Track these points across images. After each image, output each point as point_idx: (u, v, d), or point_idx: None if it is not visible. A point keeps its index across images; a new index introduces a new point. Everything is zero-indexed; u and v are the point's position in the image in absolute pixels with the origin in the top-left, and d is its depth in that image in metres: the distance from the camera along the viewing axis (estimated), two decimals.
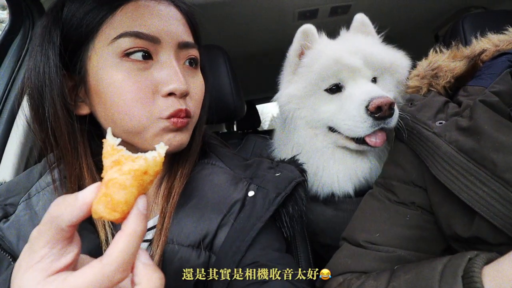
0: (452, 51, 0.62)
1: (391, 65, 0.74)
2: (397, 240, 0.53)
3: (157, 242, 0.46)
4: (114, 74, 0.44)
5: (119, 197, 0.26)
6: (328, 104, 0.72)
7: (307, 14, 1.24)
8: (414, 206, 0.55)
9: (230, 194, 0.51)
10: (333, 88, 0.72)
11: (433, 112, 0.54)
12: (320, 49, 0.73)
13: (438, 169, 0.48)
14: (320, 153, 0.74)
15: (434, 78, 0.59)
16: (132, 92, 0.44)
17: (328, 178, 0.74)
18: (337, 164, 0.74)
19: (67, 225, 0.25)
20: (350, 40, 0.76)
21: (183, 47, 0.49)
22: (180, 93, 0.46)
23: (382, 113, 0.62)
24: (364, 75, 0.71)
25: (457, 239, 0.49)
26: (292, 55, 0.77)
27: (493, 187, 0.42)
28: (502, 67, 0.52)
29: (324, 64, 0.70)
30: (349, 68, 0.70)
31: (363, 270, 0.52)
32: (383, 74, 0.75)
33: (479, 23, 0.83)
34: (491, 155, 0.42)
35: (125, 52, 0.44)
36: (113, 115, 0.46)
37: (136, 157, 0.28)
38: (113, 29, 0.44)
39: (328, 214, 0.78)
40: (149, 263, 0.27)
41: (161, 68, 0.46)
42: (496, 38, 0.60)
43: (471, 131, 0.46)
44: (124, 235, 0.26)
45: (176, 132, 0.48)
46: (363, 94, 0.66)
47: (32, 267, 0.25)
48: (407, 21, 1.39)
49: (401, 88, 0.75)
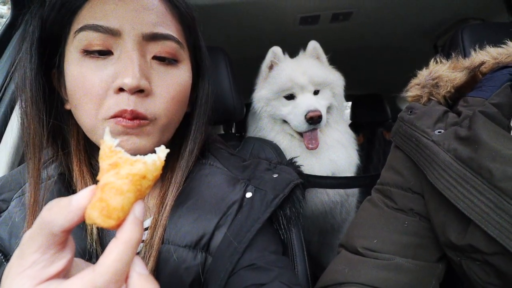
0: (452, 62, 0.63)
1: (329, 82, 1.12)
2: (395, 246, 0.53)
3: (152, 243, 0.45)
4: (74, 69, 0.43)
5: (115, 203, 0.25)
6: (285, 106, 1.10)
7: (308, 20, 1.25)
8: (412, 212, 0.55)
9: (228, 195, 0.50)
10: (288, 96, 1.09)
11: (432, 120, 0.54)
12: (282, 67, 1.10)
13: (435, 177, 0.48)
14: (274, 133, 1.13)
15: (435, 87, 0.60)
16: (84, 89, 0.42)
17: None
18: (284, 141, 1.13)
19: (60, 230, 0.24)
20: (302, 62, 1.11)
21: (151, 39, 0.45)
22: (129, 88, 0.41)
23: (313, 121, 1.03)
24: (309, 90, 1.09)
25: (452, 247, 0.50)
26: (264, 67, 1.13)
27: (488, 195, 0.42)
28: (503, 80, 0.53)
29: (283, 80, 1.07)
30: (299, 85, 1.07)
31: (361, 282, 0.52)
32: (323, 88, 1.12)
33: (477, 34, 0.84)
34: (488, 164, 0.43)
35: (84, 49, 0.43)
36: (75, 113, 0.45)
37: (135, 161, 0.27)
38: (78, 23, 0.43)
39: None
40: (144, 273, 0.25)
41: (118, 62, 0.43)
42: (494, 51, 0.60)
43: (470, 140, 0.46)
44: (119, 243, 0.24)
45: (129, 135, 0.43)
46: (304, 106, 1.04)
47: (21, 274, 0.24)
48: (406, 30, 1.41)
49: (337, 98, 1.15)
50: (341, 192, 1.17)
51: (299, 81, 1.06)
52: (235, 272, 0.45)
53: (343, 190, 1.17)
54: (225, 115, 0.98)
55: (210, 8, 1.07)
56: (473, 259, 0.47)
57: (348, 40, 1.44)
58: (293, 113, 1.07)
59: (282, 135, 1.14)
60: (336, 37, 1.41)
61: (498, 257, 0.43)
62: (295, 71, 1.07)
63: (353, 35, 1.42)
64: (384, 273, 0.51)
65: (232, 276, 0.45)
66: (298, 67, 1.08)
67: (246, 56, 1.56)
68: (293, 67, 1.08)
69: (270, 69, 1.13)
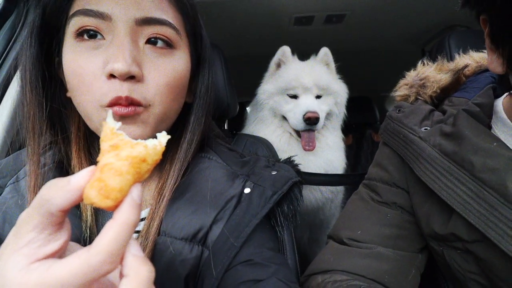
0: (438, 64, 0.66)
1: (333, 90, 1.17)
2: (378, 237, 0.56)
3: (148, 234, 0.45)
4: (69, 56, 0.43)
5: (114, 183, 0.24)
6: (287, 104, 1.15)
7: (303, 20, 1.27)
8: (395, 206, 0.58)
9: (227, 189, 0.50)
10: (291, 95, 1.14)
11: (419, 118, 0.57)
12: (290, 67, 1.15)
13: (422, 170, 0.51)
14: (274, 127, 1.18)
15: (422, 87, 0.63)
16: (78, 75, 0.42)
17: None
18: (282, 139, 1.18)
19: (57, 209, 0.24)
20: (311, 66, 1.16)
21: (144, 24, 0.43)
22: (119, 74, 0.40)
23: (310, 122, 1.08)
24: (312, 92, 1.14)
25: (435, 237, 0.53)
26: (273, 64, 1.20)
27: (469, 186, 0.45)
28: (485, 83, 0.56)
29: (289, 79, 1.13)
30: (303, 86, 1.12)
31: (344, 269, 0.55)
32: (327, 94, 1.17)
33: (463, 40, 0.88)
34: (470, 157, 0.46)
35: (76, 33, 0.42)
36: (73, 99, 0.45)
37: (136, 143, 0.27)
38: (73, 9, 0.43)
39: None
40: (139, 254, 0.25)
41: (110, 47, 0.42)
42: (477, 56, 0.64)
43: (454, 136, 0.49)
44: (116, 224, 0.24)
45: (126, 125, 0.43)
46: (304, 106, 1.10)
47: (17, 252, 0.23)
48: (396, 35, 1.45)
49: (338, 106, 1.21)
50: (333, 189, 1.22)
51: (304, 82, 1.11)
52: (232, 267, 0.45)
53: (334, 187, 1.21)
54: (219, 111, 0.99)
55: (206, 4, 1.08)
56: (454, 248, 0.50)
57: (341, 42, 1.47)
58: (293, 111, 1.12)
59: (280, 131, 1.18)
60: (329, 39, 1.44)
61: (477, 245, 0.46)
62: (302, 72, 1.12)
63: (346, 38, 1.45)
64: (366, 261, 0.54)
65: (228, 270, 0.45)
66: (306, 69, 1.13)
67: (242, 54, 1.57)
68: (301, 68, 1.14)
69: (277, 67, 1.19)
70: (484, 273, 0.47)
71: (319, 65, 1.17)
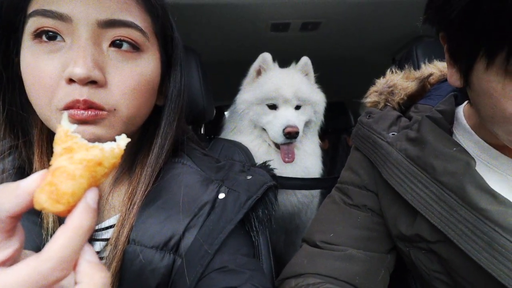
0: (405, 73, 0.69)
1: (313, 101, 1.16)
2: (349, 239, 0.58)
3: (118, 242, 0.44)
4: (26, 57, 0.41)
5: (66, 187, 0.23)
6: (266, 115, 1.12)
7: (280, 27, 1.29)
8: (366, 208, 0.60)
9: (200, 195, 0.49)
10: (271, 105, 1.12)
11: (387, 124, 0.60)
12: (270, 75, 1.12)
13: (389, 173, 0.53)
14: (253, 137, 1.16)
15: (390, 94, 0.66)
16: (35, 78, 0.40)
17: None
18: (261, 149, 1.16)
19: (6, 215, 0.23)
20: (291, 76, 1.13)
21: (108, 26, 0.41)
22: (79, 79, 0.38)
23: (290, 136, 1.06)
24: (291, 104, 1.12)
25: (402, 238, 0.55)
26: (252, 71, 1.15)
27: (431, 188, 0.48)
28: (448, 90, 0.60)
29: (269, 89, 1.09)
30: (283, 97, 1.09)
31: (317, 272, 0.55)
32: (305, 104, 1.16)
33: (429, 50, 0.93)
34: (432, 161, 0.48)
35: (34, 34, 0.40)
36: (31, 101, 0.43)
37: (91, 147, 0.26)
38: (31, 8, 0.41)
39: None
40: (94, 261, 0.24)
41: (70, 50, 0.40)
42: (441, 65, 0.68)
43: (418, 141, 0.52)
44: (67, 229, 0.23)
45: (86, 125, 0.41)
46: (284, 119, 1.08)
47: None
48: (368, 44, 1.51)
49: (317, 115, 1.21)
50: (308, 194, 1.22)
51: (285, 94, 1.09)
52: (205, 274, 0.44)
53: (309, 191, 1.22)
54: (194, 115, 0.98)
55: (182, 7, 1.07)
56: (419, 248, 0.52)
57: (316, 49, 1.51)
58: (273, 123, 1.10)
59: (260, 141, 1.16)
60: (305, 46, 1.47)
61: (439, 245, 0.48)
62: (282, 83, 1.09)
63: (321, 45, 1.49)
64: (338, 263, 0.55)
65: (202, 279, 0.44)
66: (286, 79, 1.11)
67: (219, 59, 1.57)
68: (281, 78, 1.11)
69: (258, 74, 1.14)
70: (447, 271, 0.50)
71: (299, 76, 1.15)
